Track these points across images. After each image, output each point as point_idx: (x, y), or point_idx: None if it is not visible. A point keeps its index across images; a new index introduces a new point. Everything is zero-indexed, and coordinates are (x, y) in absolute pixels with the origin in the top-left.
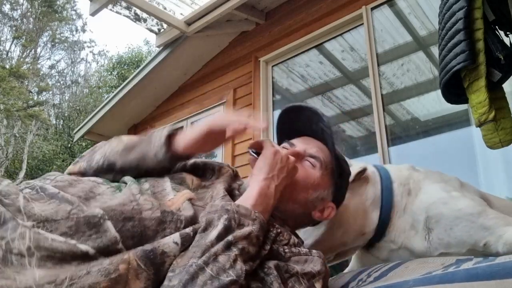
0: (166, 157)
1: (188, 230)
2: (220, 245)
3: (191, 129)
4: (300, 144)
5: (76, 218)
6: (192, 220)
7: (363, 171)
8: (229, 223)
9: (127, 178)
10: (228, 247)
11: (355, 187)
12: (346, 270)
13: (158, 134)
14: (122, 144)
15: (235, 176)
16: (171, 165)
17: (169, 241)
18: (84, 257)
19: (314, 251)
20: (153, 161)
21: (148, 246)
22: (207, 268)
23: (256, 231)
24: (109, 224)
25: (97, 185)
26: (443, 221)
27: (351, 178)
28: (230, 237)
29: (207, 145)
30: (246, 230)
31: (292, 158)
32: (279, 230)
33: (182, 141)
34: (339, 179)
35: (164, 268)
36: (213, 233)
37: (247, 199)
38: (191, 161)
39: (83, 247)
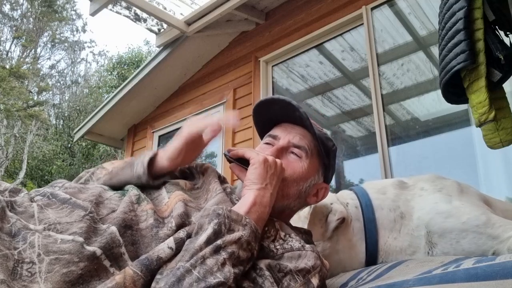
0: (149, 180)
1: (182, 234)
2: (208, 249)
3: (170, 143)
4: (282, 134)
5: (89, 222)
6: (183, 218)
7: (342, 220)
8: (219, 228)
9: (129, 186)
10: (216, 251)
11: (340, 231)
12: None
13: (140, 160)
14: (106, 173)
15: (219, 178)
16: (156, 184)
17: (164, 247)
18: (91, 259)
19: (307, 245)
20: (137, 183)
21: (143, 255)
22: (194, 271)
23: (246, 236)
24: (113, 229)
25: (104, 191)
26: (448, 235)
27: (331, 228)
28: (219, 241)
29: (189, 153)
30: (236, 235)
31: (279, 162)
32: (266, 228)
33: (165, 155)
34: (327, 158)
35: None
36: (202, 237)
37: (241, 207)
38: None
39: (90, 247)
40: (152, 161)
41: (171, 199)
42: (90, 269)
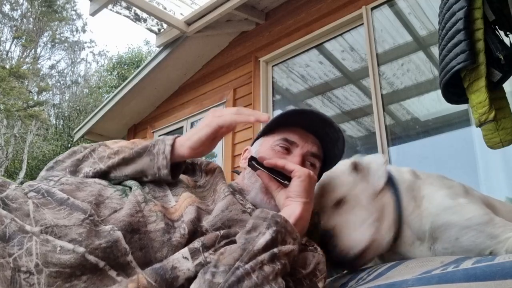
0: (169, 175)
1: (197, 244)
2: (266, 255)
3: (194, 130)
4: (300, 142)
5: (89, 226)
6: (195, 225)
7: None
8: (275, 236)
9: (130, 182)
10: (273, 259)
11: (385, 203)
12: None
13: (161, 150)
14: (112, 153)
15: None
16: (172, 182)
17: (179, 256)
18: (94, 270)
19: (319, 248)
20: (153, 176)
21: (157, 264)
22: (253, 275)
23: (296, 251)
24: (119, 234)
25: (104, 188)
26: (449, 231)
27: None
28: (275, 250)
29: (212, 144)
30: (289, 247)
31: (315, 177)
32: None
33: (187, 143)
34: (324, 170)
35: (178, 283)
36: (261, 241)
37: (288, 217)
38: None
39: (93, 259)
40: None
41: (180, 202)
42: (94, 281)
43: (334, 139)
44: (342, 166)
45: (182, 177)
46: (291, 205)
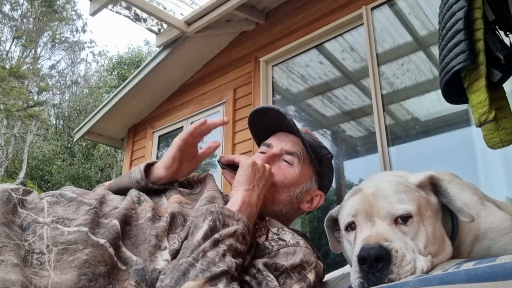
0: (148, 183)
1: (177, 245)
2: (207, 243)
3: (165, 153)
4: (276, 142)
5: (93, 215)
6: (175, 218)
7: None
8: (214, 224)
9: (130, 190)
10: (215, 244)
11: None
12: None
13: (137, 167)
14: (103, 187)
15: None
16: (156, 187)
17: (159, 260)
18: (95, 245)
19: (301, 241)
20: (137, 188)
21: (139, 266)
22: (197, 264)
23: (241, 229)
24: (115, 222)
25: (108, 194)
26: (485, 241)
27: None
28: (216, 235)
29: (185, 162)
30: (231, 228)
31: (268, 166)
32: (256, 226)
33: (161, 165)
34: (320, 166)
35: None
36: (199, 234)
37: (231, 206)
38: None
39: (95, 237)
40: (149, 168)
41: (169, 202)
42: (95, 255)
43: (292, 125)
44: None
45: (180, 189)
46: (234, 194)
